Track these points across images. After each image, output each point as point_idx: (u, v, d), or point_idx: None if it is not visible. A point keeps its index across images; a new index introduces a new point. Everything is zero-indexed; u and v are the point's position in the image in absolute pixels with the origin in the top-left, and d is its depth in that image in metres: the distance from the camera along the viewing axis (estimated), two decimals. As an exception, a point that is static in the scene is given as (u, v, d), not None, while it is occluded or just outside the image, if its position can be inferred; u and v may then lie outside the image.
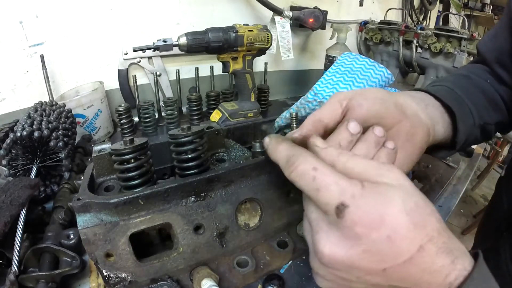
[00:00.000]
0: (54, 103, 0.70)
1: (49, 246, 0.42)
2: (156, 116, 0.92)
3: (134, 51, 0.71)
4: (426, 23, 1.93)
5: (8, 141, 0.51)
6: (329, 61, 1.15)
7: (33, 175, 0.52)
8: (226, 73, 0.83)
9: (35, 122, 0.55)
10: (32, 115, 0.59)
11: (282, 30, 1.05)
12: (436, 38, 1.16)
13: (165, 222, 0.39)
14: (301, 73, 1.35)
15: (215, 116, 0.85)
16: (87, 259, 0.45)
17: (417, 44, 1.22)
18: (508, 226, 0.54)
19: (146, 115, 0.84)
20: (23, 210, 0.44)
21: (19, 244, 0.40)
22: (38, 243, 0.43)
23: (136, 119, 0.89)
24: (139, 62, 0.94)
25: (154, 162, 0.45)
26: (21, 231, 0.41)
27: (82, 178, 0.48)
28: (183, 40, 0.70)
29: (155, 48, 0.70)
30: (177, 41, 0.71)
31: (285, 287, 0.43)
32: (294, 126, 0.59)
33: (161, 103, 0.92)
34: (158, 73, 0.96)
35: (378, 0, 1.56)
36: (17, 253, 0.39)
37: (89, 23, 0.83)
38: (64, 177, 0.60)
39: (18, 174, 0.53)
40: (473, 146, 0.89)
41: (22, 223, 0.42)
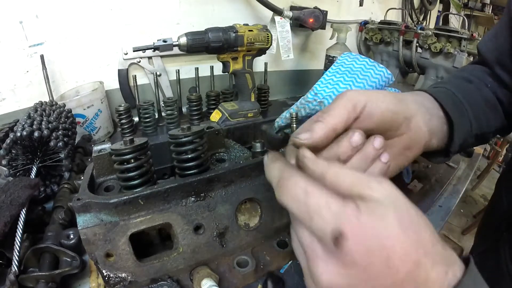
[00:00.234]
0: (54, 103, 0.70)
1: (49, 246, 0.42)
2: (156, 116, 0.92)
3: (134, 51, 0.71)
4: (426, 23, 1.93)
5: (8, 141, 0.51)
6: (329, 61, 1.15)
7: (33, 175, 0.52)
8: (226, 73, 0.83)
9: (35, 122, 0.55)
10: (32, 115, 0.59)
11: (282, 30, 1.05)
12: (436, 38, 1.16)
13: (165, 222, 0.39)
14: (301, 73, 1.35)
15: (215, 116, 0.85)
16: (87, 259, 0.45)
17: (417, 44, 1.22)
18: (508, 226, 0.54)
19: (146, 115, 0.84)
20: (23, 210, 0.44)
21: (19, 244, 0.40)
22: (38, 243, 0.42)
23: (136, 119, 0.89)
24: (139, 62, 0.94)
25: (154, 162, 0.45)
26: (21, 231, 0.41)
27: (82, 178, 0.48)
28: (183, 40, 0.70)
29: (155, 48, 0.70)
30: (177, 41, 0.71)
31: (285, 287, 0.43)
32: (294, 126, 0.59)
33: (161, 103, 0.92)
34: (158, 73, 0.96)
35: (378, 0, 1.56)
36: (17, 253, 0.39)
37: (89, 23, 0.83)
38: (64, 177, 0.59)
39: (18, 174, 0.53)
40: (473, 146, 0.89)
41: (22, 223, 0.42)
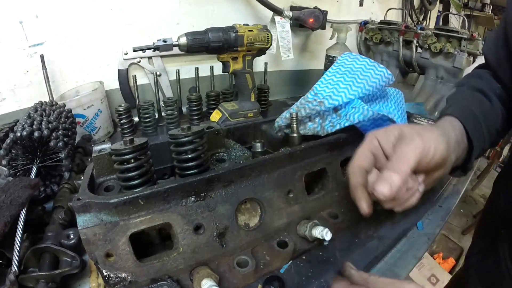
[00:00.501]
0: (54, 103, 0.70)
1: (49, 246, 0.42)
2: (156, 116, 0.92)
3: (134, 51, 0.71)
4: (426, 23, 1.93)
5: (8, 141, 0.51)
6: (329, 61, 1.15)
7: (33, 175, 0.52)
8: (226, 73, 0.83)
9: (35, 122, 0.55)
10: (32, 115, 0.59)
11: (282, 30, 1.05)
12: (436, 38, 1.16)
13: (165, 222, 0.39)
14: (301, 73, 1.35)
15: (215, 116, 0.85)
16: (87, 259, 0.45)
17: (417, 44, 1.22)
18: (506, 225, 0.54)
19: (146, 115, 0.84)
20: (23, 210, 0.44)
21: (19, 244, 0.40)
22: (38, 243, 0.42)
23: (136, 119, 0.89)
24: (139, 62, 0.94)
25: (154, 162, 0.45)
26: (21, 231, 0.41)
27: (82, 178, 0.48)
28: (183, 40, 0.70)
29: (155, 48, 0.70)
30: (177, 41, 0.71)
31: (285, 287, 0.43)
32: (294, 126, 0.59)
33: (161, 103, 0.92)
34: (158, 73, 0.96)
35: (378, 0, 1.56)
36: (17, 253, 0.39)
37: (89, 23, 0.83)
38: (64, 177, 0.59)
39: (18, 174, 0.53)
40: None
41: (22, 223, 0.42)
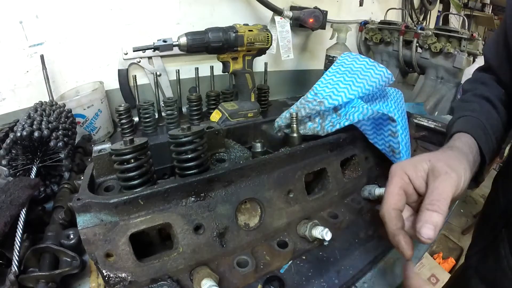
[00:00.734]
0: (54, 103, 0.70)
1: (49, 246, 0.42)
2: (156, 116, 0.92)
3: (134, 51, 0.71)
4: (426, 23, 1.93)
5: (8, 141, 0.51)
6: (329, 61, 1.15)
7: (33, 175, 0.52)
8: (226, 73, 0.83)
9: (35, 122, 0.55)
10: (32, 115, 0.59)
11: (282, 30, 1.05)
12: (436, 38, 1.16)
13: (165, 222, 0.39)
14: (301, 73, 1.35)
15: (215, 116, 0.85)
16: (87, 259, 0.45)
17: (417, 44, 1.22)
18: (506, 224, 0.54)
19: (146, 115, 0.84)
20: (23, 210, 0.44)
21: (19, 244, 0.40)
22: (38, 243, 0.43)
23: (136, 119, 0.89)
24: (139, 62, 0.94)
25: (154, 162, 0.45)
26: (21, 231, 0.41)
27: (82, 178, 0.48)
28: (183, 40, 0.70)
29: (155, 48, 0.70)
30: (177, 41, 0.71)
31: (285, 287, 0.43)
32: (294, 126, 0.59)
33: (161, 103, 0.92)
34: (158, 73, 0.96)
35: (378, 0, 1.56)
36: (17, 253, 0.39)
37: (89, 23, 0.83)
38: (64, 177, 0.59)
39: (18, 174, 0.53)
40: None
41: (22, 223, 0.42)
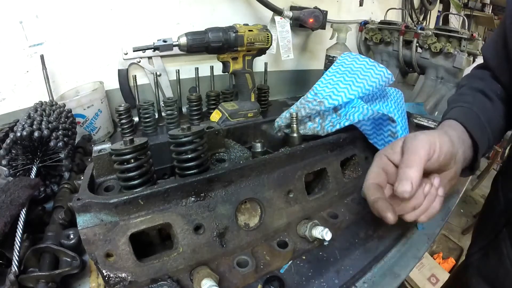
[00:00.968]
0: (54, 103, 0.70)
1: (49, 246, 0.42)
2: (156, 116, 0.92)
3: (134, 51, 0.71)
4: (426, 23, 1.93)
5: (8, 141, 0.51)
6: (329, 61, 1.15)
7: (33, 175, 0.52)
8: (226, 73, 0.83)
9: (35, 122, 0.55)
10: (32, 115, 0.59)
11: (282, 30, 1.05)
12: (436, 38, 1.16)
13: (165, 222, 0.39)
14: (301, 73, 1.35)
15: (215, 116, 0.85)
16: (87, 259, 0.45)
17: (417, 44, 1.22)
18: (506, 223, 0.54)
19: (146, 115, 0.84)
20: (23, 210, 0.44)
21: (19, 244, 0.40)
22: (38, 243, 0.42)
23: (136, 119, 0.89)
24: (139, 62, 0.94)
25: (154, 162, 0.45)
26: (21, 231, 0.41)
27: (82, 178, 0.48)
28: (183, 40, 0.70)
29: (155, 48, 0.70)
30: (177, 41, 0.71)
31: (285, 287, 0.43)
32: (294, 126, 0.59)
33: (161, 103, 0.92)
34: (158, 73, 0.96)
35: (378, 0, 1.56)
36: (17, 253, 0.39)
37: (89, 23, 0.83)
38: (64, 177, 0.59)
39: (18, 174, 0.53)
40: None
41: (22, 223, 0.42)
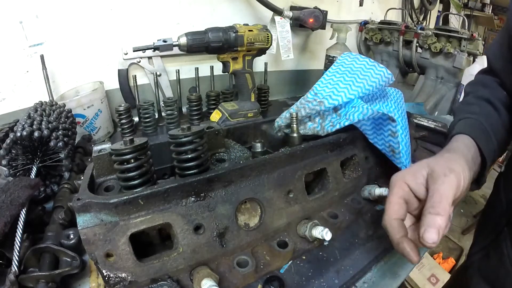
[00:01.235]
0: (54, 103, 0.70)
1: (49, 246, 0.42)
2: (156, 116, 0.92)
3: (134, 51, 0.71)
4: (426, 23, 1.93)
5: (8, 141, 0.51)
6: (329, 61, 1.15)
7: (33, 175, 0.52)
8: (226, 73, 0.83)
9: (35, 122, 0.55)
10: (32, 115, 0.59)
11: (282, 30, 1.05)
12: (436, 38, 1.16)
13: (165, 222, 0.39)
14: (301, 73, 1.35)
15: (215, 116, 0.85)
16: (87, 259, 0.45)
17: (417, 44, 1.22)
18: (508, 222, 0.54)
19: (146, 115, 0.84)
20: (23, 210, 0.44)
21: (19, 244, 0.40)
22: (38, 243, 0.42)
23: (136, 119, 0.89)
24: (139, 62, 0.94)
25: (154, 162, 0.45)
26: (21, 231, 0.41)
27: (82, 178, 0.48)
28: (183, 40, 0.70)
29: (155, 48, 0.70)
30: (177, 41, 0.71)
31: (285, 287, 0.43)
32: (294, 126, 0.59)
33: (161, 103, 0.92)
34: (158, 73, 0.96)
35: (378, 0, 1.56)
36: (17, 253, 0.39)
37: (89, 23, 0.83)
38: (64, 177, 0.59)
39: (18, 174, 0.53)
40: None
41: (22, 223, 0.42)
